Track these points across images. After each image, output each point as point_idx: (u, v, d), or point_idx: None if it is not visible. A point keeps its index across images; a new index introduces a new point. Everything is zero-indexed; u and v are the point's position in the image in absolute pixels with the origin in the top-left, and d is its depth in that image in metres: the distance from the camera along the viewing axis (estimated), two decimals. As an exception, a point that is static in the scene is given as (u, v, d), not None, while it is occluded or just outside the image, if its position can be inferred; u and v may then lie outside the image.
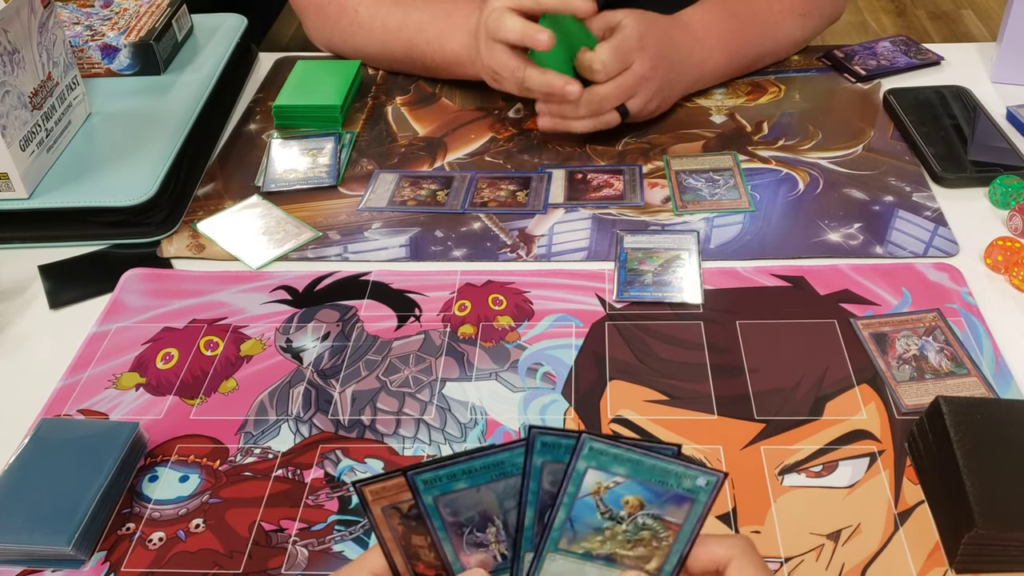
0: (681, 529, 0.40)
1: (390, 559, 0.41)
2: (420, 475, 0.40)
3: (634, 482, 0.40)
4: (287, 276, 0.75)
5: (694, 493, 0.39)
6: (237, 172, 0.88)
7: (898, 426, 0.60)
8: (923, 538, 0.53)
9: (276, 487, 0.59)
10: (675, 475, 0.39)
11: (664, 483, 0.39)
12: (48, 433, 0.60)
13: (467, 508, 0.40)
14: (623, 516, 0.40)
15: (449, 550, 0.41)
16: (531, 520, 0.40)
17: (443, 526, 0.40)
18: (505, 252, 0.76)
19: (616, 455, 0.39)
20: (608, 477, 0.40)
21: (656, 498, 0.40)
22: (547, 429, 0.40)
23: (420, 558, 0.41)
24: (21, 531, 0.54)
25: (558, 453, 0.40)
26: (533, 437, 0.40)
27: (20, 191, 0.78)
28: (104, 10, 0.99)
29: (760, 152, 0.86)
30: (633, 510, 0.40)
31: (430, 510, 0.40)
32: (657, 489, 0.40)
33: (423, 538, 0.41)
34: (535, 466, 0.40)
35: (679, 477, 0.39)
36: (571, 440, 0.40)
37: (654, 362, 0.65)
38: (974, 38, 2.77)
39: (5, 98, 0.75)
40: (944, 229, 0.76)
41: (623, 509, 0.40)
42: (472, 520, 0.40)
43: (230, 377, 0.66)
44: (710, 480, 0.39)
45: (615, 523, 0.40)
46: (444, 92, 0.98)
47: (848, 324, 0.67)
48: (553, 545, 0.40)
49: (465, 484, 0.40)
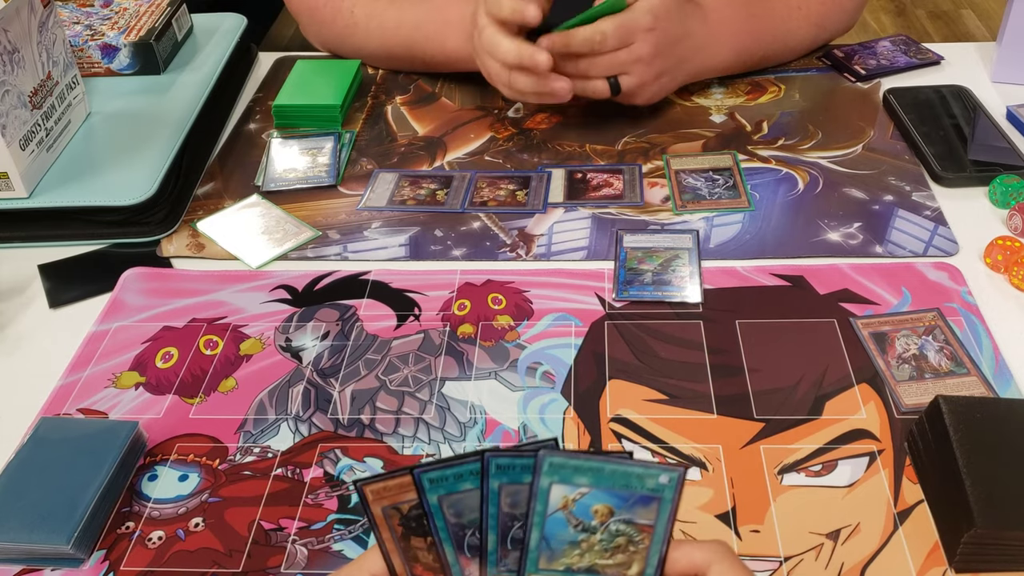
0: (655, 530, 0.40)
1: (388, 561, 0.41)
2: (427, 473, 0.40)
3: (599, 490, 0.40)
4: (287, 275, 0.75)
5: (659, 492, 0.39)
6: (237, 171, 0.88)
7: (898, 425, 0.60)
8: (922, 537, 0.53)
9: (275, 486, 0.59)
10: (637, 476, 0.39)
11: (628, 486, 0.39)
12: (47, 432, 0.60)
13: (471, 510, 0.40)
14: (595, 526, 0.40)
15: (450, 552, 0.40)
16: (494, 545, 0.40)
17: (445, 527, 0.40)
18: (505, 251, 0.76)
19: (576, 466, 0.39)
20: (573, 489, 0.40)
21: (623, 503, 0.40)
22: (501, 451, 0.40)
23: (419, 560, 0.41)
24: (20, 530, 0.54)
25: (514, 474, 0.40)
26: (487, 460, 0.40)
27: (20, 190, 0.78)
28: (104, 10, 0.99)
29: (760, 151, 0.86)
30: (604, 518, 0.40)
31: (434, 510, 0.40)
32: (622, 494, 0.40)
33: (423, 540, 0.41)
34: (492, 490, 0.40)
35: (641, 478, 0.39)
36: (525, 460, 0.40)
37: (653, 361, 0.65)
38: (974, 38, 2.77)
39: (5, 97, 0.75)
40: (944, 228, 0.76)
41: (594, 519, 0.40)
42: (475, 523, 0.40)
43: (229, 376, 0.66)
44: (672, 476, 0.39)
45: (589, 534, 0.40)
46: (444, 92, 0.98)
47: (848, 323, 0.67)
48: (533, 566, 0.40)
49: (471, 485, 0.40)
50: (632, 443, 0.60)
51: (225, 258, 0.77)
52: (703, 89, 0.96)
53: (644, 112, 0.92)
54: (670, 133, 0.89)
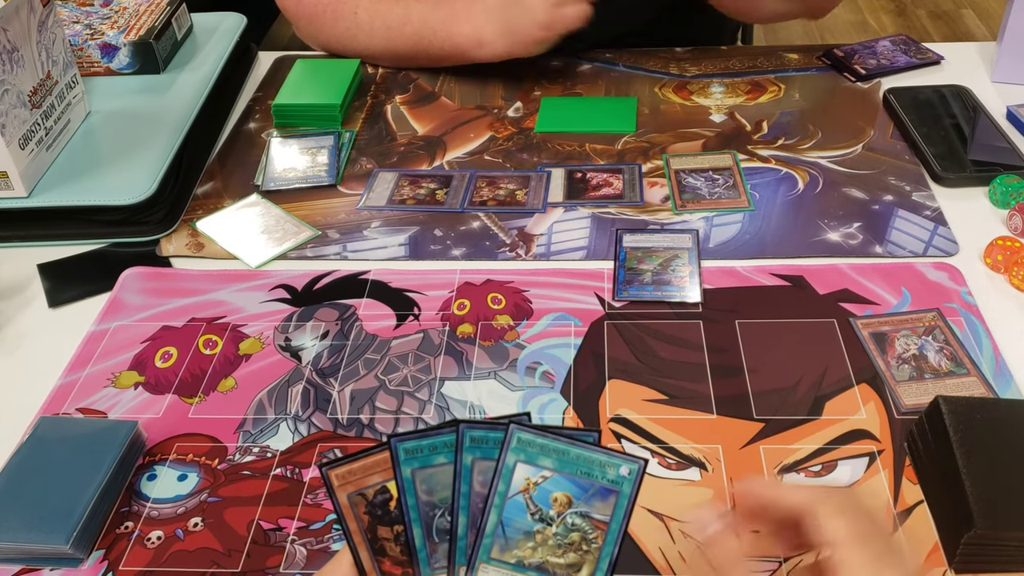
0: (608, 529, 0.40)
1: (356, 555, 0.40)
2: (404, 443, 0.40)
3: (561, 476, 0.40)
4: (286, 275, 0.75)
5: (618, 484, 0.40)
6: (236, 171, 0.88)
7: (897, 426, 0.60)
8: (922, 538, 0.53)
9: (275, 486, 0.59)
10: (599, 464, 0.40)
11: (589, 475, 0.40)
12: (47, 431, 0.60)
13: (442, 487, 0.40)
14: (553, 516, 0.40)
15: (419, 535, 0.40)
16: (464, 529, 0.40)
17: (416, 505, 0.40)
18: (504, 251, 0.76)
19: (543, 446, 0.40)
20: (536, 471, 0.40)
21: (583, 492, 0.40)
22: (476, 423, 0.40)
23: (386, 553, 0.41)
24: (19, 529, 0.54)
25: (487, 449, 0.40)
26: (462, 432, 0.40)
27: (19, 190, 0.77)
28: (104, 9, 0.99)
29: (760, 151, 0.86)
30: (562, 508, 0.40)
31: (407, 484, 0.40)
32: (583, 483, 0.40)
33: (389, 530, 0.41)
34: (465, 465, 0.40)
35: (603, 466, 0.40)
36: (500, 433, 0.40)
37: (653, 361, 0.65)
38: (974, 37, 2.77)
39: (4, 96, 0.75)
40: (944, 228, 0.76)
41: (552, 508, 0.40)
42: (445, 501, 0.40)
43: (229, 376, 0.66)
44: (632, 468, 0.39)
45: (545, 524, 0.40)
46: (444, 91, 0.98)
47: (848, 324, 0.67)
48: (486, 554, 0.40)
49: (445, 459, 0.40)
50: (632, 443, 0.60)
51: (224, 258, 0.77)
52: (703, 88, 0.96)
53: (645, 112, 0.92)
54: (670, 132, 0.89)
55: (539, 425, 0.41)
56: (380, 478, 0.40)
